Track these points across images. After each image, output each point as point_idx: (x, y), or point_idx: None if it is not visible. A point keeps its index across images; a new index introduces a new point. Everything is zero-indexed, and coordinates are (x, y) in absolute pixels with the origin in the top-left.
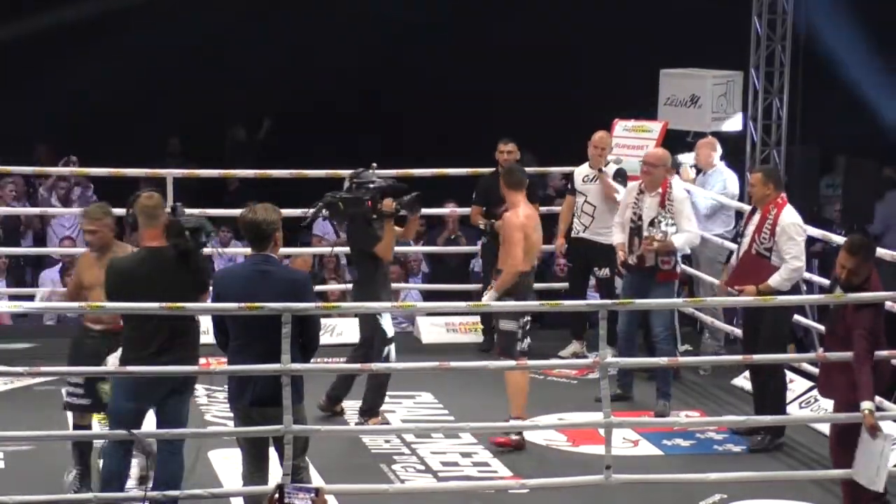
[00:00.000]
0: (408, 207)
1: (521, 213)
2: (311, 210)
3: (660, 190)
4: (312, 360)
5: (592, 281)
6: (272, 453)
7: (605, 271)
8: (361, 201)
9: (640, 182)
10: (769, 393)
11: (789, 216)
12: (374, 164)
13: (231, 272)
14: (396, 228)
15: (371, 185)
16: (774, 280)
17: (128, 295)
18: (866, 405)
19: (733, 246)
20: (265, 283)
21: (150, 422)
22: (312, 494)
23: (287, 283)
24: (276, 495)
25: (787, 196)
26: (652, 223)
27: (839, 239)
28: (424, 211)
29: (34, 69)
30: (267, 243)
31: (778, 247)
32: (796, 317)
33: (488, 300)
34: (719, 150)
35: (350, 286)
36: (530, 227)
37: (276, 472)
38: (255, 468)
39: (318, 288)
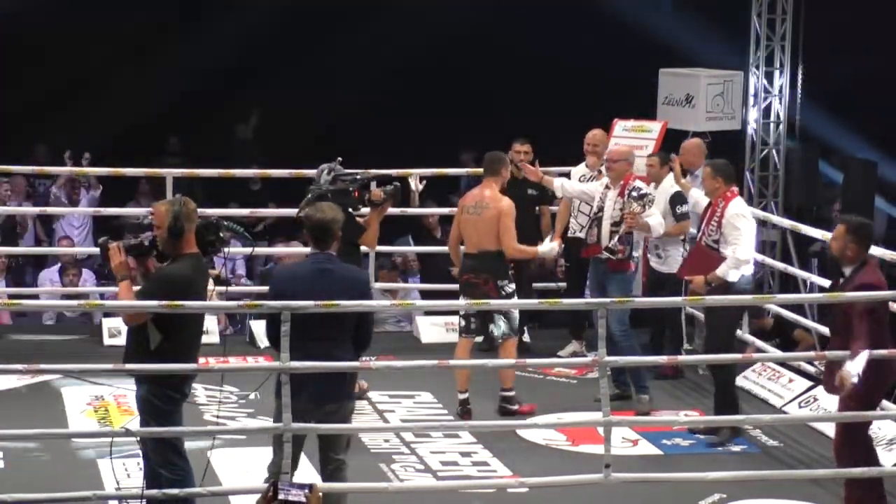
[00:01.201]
0: (391, 196)
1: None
2: (302, 203)
3: (622, 183)
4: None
5: None
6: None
7: None
8: (348, 192)
9: (604, 180)
10: (720, 387)
11: (734, 207)
12: (339, 159)
13: (292, 270)
14: (363, 214)
15: (357, 177)
16: (721, 270)
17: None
18: (848, 367)
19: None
20: (326, 282)
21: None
22: (306, 490)
23: (348, 282)
24: (270, 492)
25: (787, 195)
26: (634, 197)
27: None
28: (424, 211)
29: (35, 61)
30: (331, 242)
31: (724, 237)
32: (796, 317)
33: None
34: (705, 150)
35: None
36: (460, 210)
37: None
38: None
39: None
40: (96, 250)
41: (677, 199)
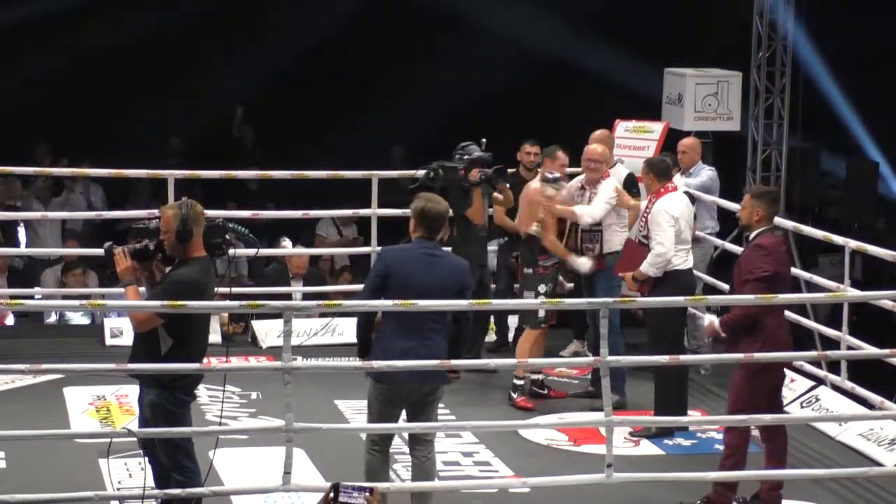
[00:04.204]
0: (491, 178)
1: None
2: (420, 174)
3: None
4: (309, 360)
5: None
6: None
7: None
8: (457, 170)
9: (580, 179)
10: (672, 386)
11: (661, 204)
12: (484, 140)
13: (404, 254)
14: (498, 196)
15: (466, 157)
16: (643, 266)
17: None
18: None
19: (720, 241)
20: (435, 267)
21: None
22: (367, 493)
23: (455, 269)
24: (332, 494)
25: (787, 195)
26: (548, 181)
27: (840, 239)
28: None
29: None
30: (440, 232)
31: (650, 233)
32: (796, 317)
33: None
34: (700, 150)
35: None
36: None
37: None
38: (379, 446)
39: (320, 288)
40: (96, 251)
41: None
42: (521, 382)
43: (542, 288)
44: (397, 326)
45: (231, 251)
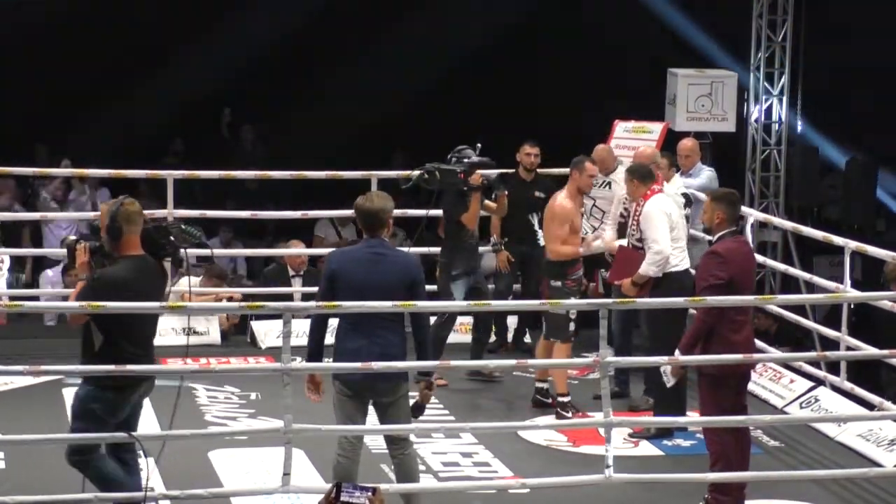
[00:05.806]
0: (493, 183)
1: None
2: (414, 175)
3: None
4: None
5: None
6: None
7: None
8: (455, 173)
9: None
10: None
11: (648, 205)
12: (479, 144)
13: (349, 255)
14: (490, 204)
15: (465, 160)
16: (643, 268)
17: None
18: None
19: None
20: (381, 266)
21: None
22: (369, 493)
23: (402, 265)
24: (333, 493)
25: (787, 195)
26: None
27: (840, 240)
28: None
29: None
30: (382, 229)
31: (643, 235)
32: (797, 318)
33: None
34: (699, 151)
35: None
36: None
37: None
38: (348, 452)
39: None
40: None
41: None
42: (567, 400)
43: (572, 314)
44: (349, 326)
45: (181, 252)
